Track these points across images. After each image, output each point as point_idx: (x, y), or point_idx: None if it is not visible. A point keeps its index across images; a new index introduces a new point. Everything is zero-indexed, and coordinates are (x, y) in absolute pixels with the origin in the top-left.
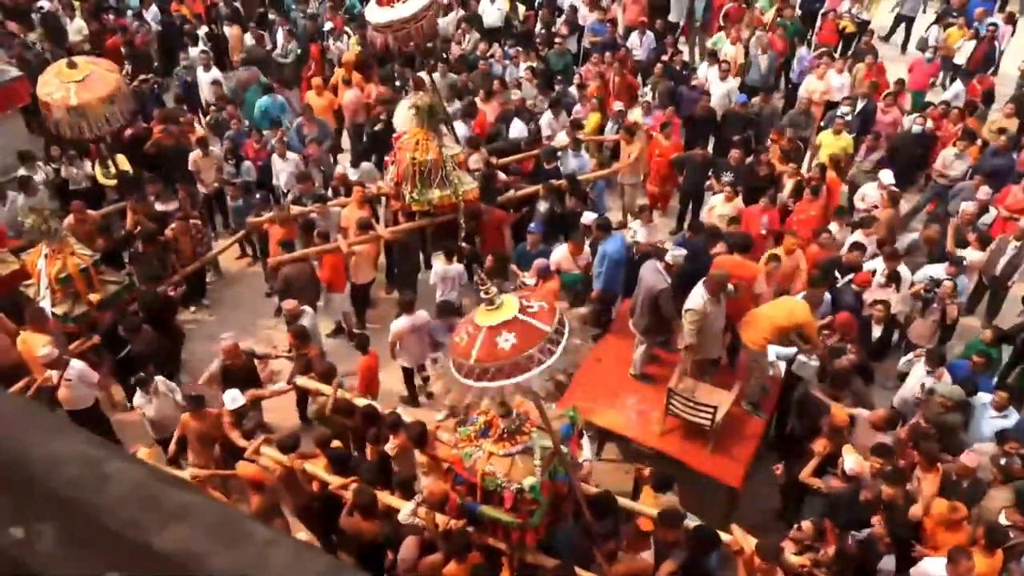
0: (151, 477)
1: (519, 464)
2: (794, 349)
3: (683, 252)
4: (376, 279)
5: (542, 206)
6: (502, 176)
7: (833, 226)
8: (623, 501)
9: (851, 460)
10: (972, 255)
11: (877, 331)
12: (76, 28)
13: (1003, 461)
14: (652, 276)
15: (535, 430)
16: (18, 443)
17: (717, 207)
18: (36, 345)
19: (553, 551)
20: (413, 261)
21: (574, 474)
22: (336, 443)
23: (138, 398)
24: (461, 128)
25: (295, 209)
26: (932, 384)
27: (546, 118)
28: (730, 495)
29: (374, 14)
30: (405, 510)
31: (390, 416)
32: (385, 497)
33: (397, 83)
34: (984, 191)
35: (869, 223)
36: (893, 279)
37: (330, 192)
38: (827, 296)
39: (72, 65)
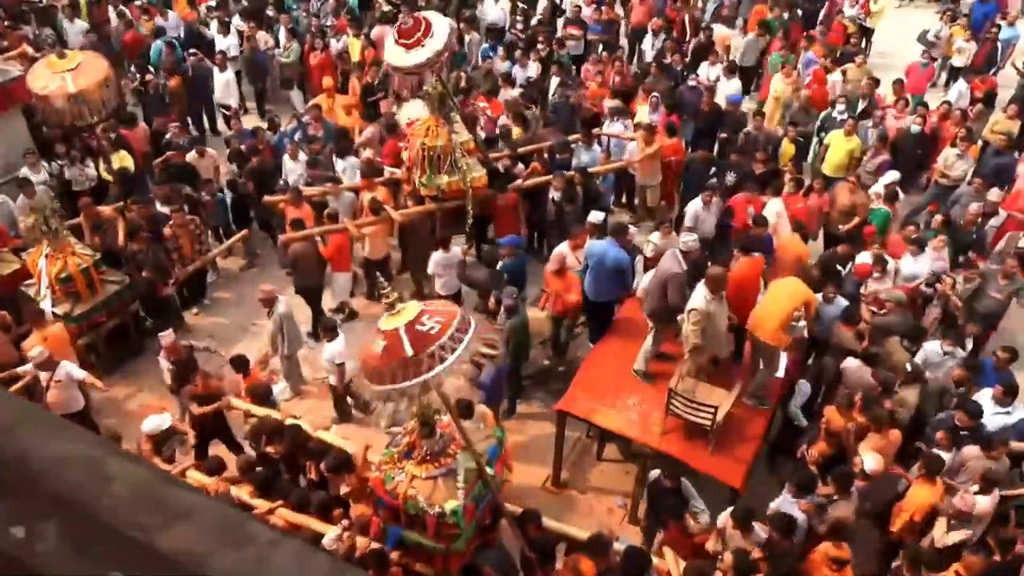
0: (154, 478)
1: (441, 487)
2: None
3: (695, 238)
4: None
5: (555, 196)
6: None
7: None
8: (553, 524)
9: (870, 459)
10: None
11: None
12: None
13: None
14: (669, 262)
15: (460, 452)
16: (20, 443)
17: None
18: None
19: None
20: (426, 243)
21: (498, 495)
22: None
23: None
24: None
25: (309, 190)
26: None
27: None
28: (732, 495)
29: (395, 56)
30: (330, 535)
31: (316, 442)
32: (309, 522)
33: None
34: (995, 193)
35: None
36: (879, 263)
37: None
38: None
39: (62, 56)
